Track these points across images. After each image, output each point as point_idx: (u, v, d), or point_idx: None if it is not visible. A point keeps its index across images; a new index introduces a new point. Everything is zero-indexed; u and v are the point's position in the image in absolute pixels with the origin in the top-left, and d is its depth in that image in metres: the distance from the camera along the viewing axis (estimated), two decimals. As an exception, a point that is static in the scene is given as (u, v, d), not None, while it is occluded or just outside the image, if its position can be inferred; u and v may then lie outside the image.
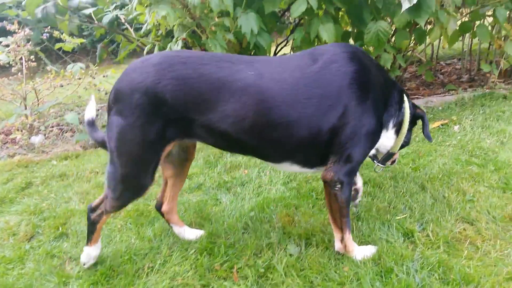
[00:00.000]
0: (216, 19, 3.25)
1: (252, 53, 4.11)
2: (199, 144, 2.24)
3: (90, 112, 2.26)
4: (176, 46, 3.43)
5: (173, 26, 3.63)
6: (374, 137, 2.08)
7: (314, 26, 3.58)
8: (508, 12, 4.38)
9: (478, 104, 4.03)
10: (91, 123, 2.26)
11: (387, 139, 2.24)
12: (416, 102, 3.49)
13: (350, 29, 4.34)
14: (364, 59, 2.05)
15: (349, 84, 1.93)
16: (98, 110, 5.78)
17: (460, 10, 4.58)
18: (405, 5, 3.25)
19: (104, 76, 5.05)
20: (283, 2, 3.82)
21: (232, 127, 1.89)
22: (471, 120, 3.67)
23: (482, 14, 4.20)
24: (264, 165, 3.24)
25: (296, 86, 1.91)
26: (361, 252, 2.09)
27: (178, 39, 3.39)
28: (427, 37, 4.00)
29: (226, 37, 3.30)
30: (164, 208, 2.40)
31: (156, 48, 3.98)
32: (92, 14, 4.20)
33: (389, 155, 2.36)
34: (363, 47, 3.97)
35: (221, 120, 1.88)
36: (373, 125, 2.01)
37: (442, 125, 3.65)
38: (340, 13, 4.23)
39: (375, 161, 2.43)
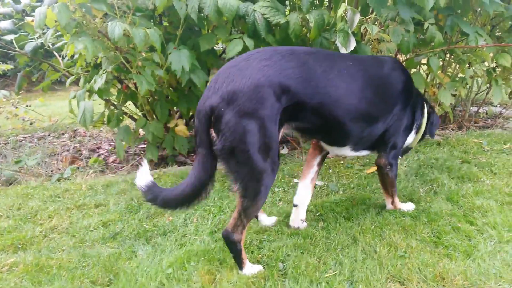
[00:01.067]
0: (143, 54, 3.04)
1: (187, 90, 3.93)
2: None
3: (145, 176, 2.18)
4: (100, 79, 3.17)
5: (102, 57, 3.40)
6: (408, 132, 2.77)
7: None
8: (441, 61, 4.55)
9: (413, 150, 4.05)
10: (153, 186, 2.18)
11: (410, 137, 2.85)
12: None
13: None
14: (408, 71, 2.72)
15: (402, 90, 2.58)
16: (21, 141, 5.30)
17: (397, 57, 4.70)
18: (342, 51, 3.22)
19: (27, 106, 4.64)
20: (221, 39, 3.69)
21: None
22: (405, 167, 3.65)
23: (417, 62, 4.31)
24: (191, 211, 2.99)
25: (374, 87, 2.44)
26: (405, 206, 2.90)
27: (103, 72, 3.13)
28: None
29: (155, 73, 3.09)
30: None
31: (81, 80, 3.69)
32: (14, 41, 3.85)
33: (407, 149, 3.03)
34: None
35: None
36: (409, 123, 2.74)
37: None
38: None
39: None
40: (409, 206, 2.91)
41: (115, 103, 3.99)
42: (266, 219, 2.80)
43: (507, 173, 3.39)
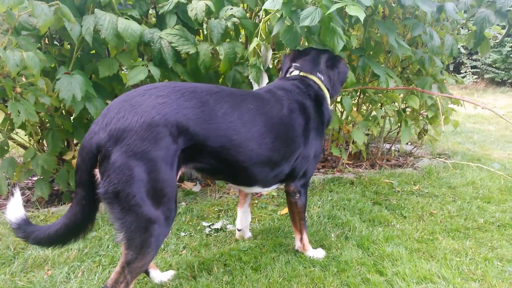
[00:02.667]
0: (24, 79, 2.62)
1: (87, 120, 3.51)
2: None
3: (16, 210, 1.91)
4: (-27, 105, 2.68)
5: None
6: (318, 157, 2.73)
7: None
8: (355, 100, 4.61)
9: (327, 189, 3.97)
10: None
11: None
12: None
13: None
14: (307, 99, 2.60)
15: (304, 128, 2.49)
16: None
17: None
18: (255, 88, 3.06)
19: None
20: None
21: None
22: (319, 207, 3.53)
23: (332, 101, 4.30)
24: (77, 263, 2.56)
25: None
26: (315, 253, 2.75)
27: (-23, 97, 2.65)
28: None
29: (39, 101, 2.67)
30: None
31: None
32: None
33: None
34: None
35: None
36: (319, 148, 2.69)
37: (291, 212, 3.43)
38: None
39: None
40: (319, 253, 2.75)
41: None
42: (159, 275, 2.43)
43: (416, 216, 3.40)
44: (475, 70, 16.29)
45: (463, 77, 15.93)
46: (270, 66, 3.28)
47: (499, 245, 2.92)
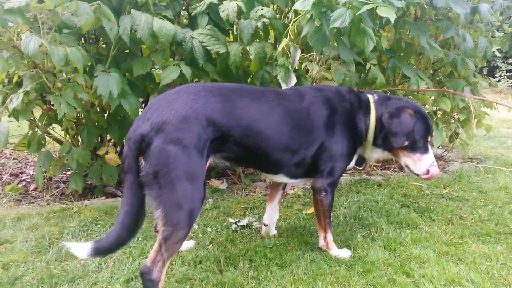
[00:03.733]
0: (64, 75, 2.75)
1: (120, 117, 3.64)
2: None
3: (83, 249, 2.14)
4: (16, 99, 2.83)
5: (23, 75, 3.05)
6: (349, 157, 2.73)
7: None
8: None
9: (353, 190, 3.95)
10: None
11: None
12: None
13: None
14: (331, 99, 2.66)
15: (324, 121, 2.58)
16: None
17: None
18: (283, 87, 3.10)
19: None
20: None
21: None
22: (345, 208, 3.53)
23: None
24: (108, 255, 2.66)
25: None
26: (340, 252, 2.75)
27: (22, 91, 2.80)
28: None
29: (77, 96, 2.79)
30: None
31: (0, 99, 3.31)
32: None
33: (362, 160, 2.97)
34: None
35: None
36: (347, 149, 2.68)
37: (317, 212, 3.43)
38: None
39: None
40: (344, 253, 2.75)
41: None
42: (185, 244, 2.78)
43: (446, 220, 3.34)
44: (510, 74, 15.74)
45: (497, 81, 15.43)
46: (297, 68, 3.31)
47: (531, 251, 2.84)
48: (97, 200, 3.63)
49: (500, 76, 15.81)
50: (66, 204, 3.49)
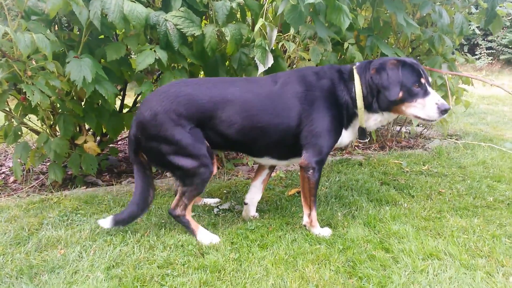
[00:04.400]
0: (34, 62, 2.68)
1: (97, 105, 3.58)
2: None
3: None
4: (-14, 90, 2.75)
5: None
6: (336, 132, 2.74)
7: (166, 81, 3.20)
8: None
9: (335, 170, 3.98)
10: None
11: (348, 132, 2.84)
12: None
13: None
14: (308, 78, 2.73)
15: (299, 100, 2.65)
16: None
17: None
18: (260, 69, 3.07)
19: None
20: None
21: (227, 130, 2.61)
22: (326, 188, 3.55)
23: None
24: (89, 242, 2.64)
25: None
26: (321, 231, 2.79)
27: (-9, 81, 2.72)
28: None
29: (50, 84, 2.73)
30: None
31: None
32: None
33: (362, 131, 2.83)
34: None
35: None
36: (331, 124, 2.69)
37: (298, 192, 3.46)
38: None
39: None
40: (325, 232, 2.79)
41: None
42: (207, 200, 3.32)
43: (424, 195, 3.40)
44: (490, 51, 15.94)
45: (477, 59, 15.59)
46: (274, 48, 3.28)
47: (508, 222, 2.91)
48: (77, 190, 3.59)
49: (480, 53, 15.98)
50: (46, 195, 3.44)
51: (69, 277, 2.31)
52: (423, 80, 2.57)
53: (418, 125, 5.63)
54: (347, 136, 2.81)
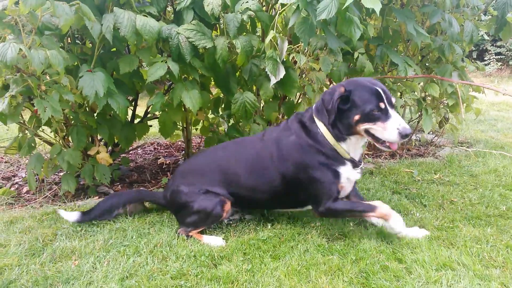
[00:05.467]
0: (48, 77, 2.73)
1: (109, 116, 3.63)
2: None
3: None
4: (2, 103, 2.81)
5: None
6: (333, 181, 2.81)
7: (177, 92, 3.24)
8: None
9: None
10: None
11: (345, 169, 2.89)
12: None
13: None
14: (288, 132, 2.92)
15: (279, 156, 2.90)
16: None
17: (331, 85, 4.68)
18: (272, 80, 3.10)
19: None
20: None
21: None
22: (338, 198, 3.55)
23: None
24: (103, 253, 2.67)
25: None
26: (396, 222, 2.77)
27: (5, 96, 2.77)
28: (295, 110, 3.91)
29: (63, 98, 2.78)
30: None
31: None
32: None
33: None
34: (232, 117, 3.74)
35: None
36: (324, 177, 2.80)
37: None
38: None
39: None
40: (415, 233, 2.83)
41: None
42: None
43: (436, 205, 3.38)
44: (499, 57, 15.83)
45: (486, 64, 15.49)
46: (284, 59, 3.31)
47: (521, 232, 2.89)
48: (90, 200, 3.63)
49: (489, 59, 15.89)
50: (59, 205, 3.49)
51: (84, 288, 2.34)
52: (382, 105, 2.57)
53: (428, 133, 5.61)
54: (349, 171, 2.81)
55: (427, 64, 4.82)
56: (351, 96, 2.60)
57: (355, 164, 2.84)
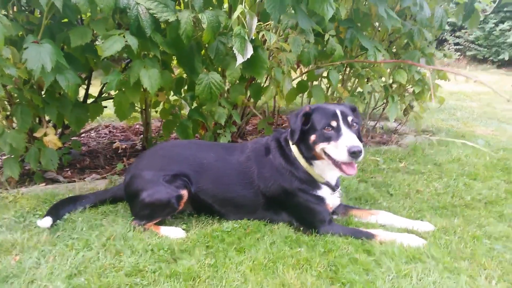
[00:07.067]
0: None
1: (58, 94, 3.29)
2: None
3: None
4: None
5: None
6: (316, 202, 2.74)
7: (135, 70, 2.96)
8: (341, 75, 4.46)
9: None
10: None
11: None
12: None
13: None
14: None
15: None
16: None
17: (300, 68, 4.53)
18: (239, 60, 2.89)
19: None
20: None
21: None
22: (304, 186, 3.42)
23: (318, 75, 4.16)
24: (48, 247, 2.40)
25: None
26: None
27: None
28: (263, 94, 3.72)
29: (5, 72, 2.45)
30: None
31: None
32: None
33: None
34: (196, 99, 3.50)
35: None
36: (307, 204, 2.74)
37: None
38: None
39: None
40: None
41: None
42: None
43: (403, 194, 3.33)
44: (457, 47, 16.31)
45: (445, 55, 15.89)
46: (253, 38, 3.10)
47: (487, 222, 2.88)
48: (36, 187, 3.30)
49: (449, 49, 16.33)
50: (1, 192, 3.14)
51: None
52: (334, 123, 2.54)
53: (394, 121, 5.60)
54: (327, 195, 2.75)
55: (394, 50, 4.75)
56: (311, 117, 2.63)
57: (332, 188, 2.76)
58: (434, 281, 2.21)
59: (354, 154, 2.42)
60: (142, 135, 4.66)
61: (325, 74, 4.11)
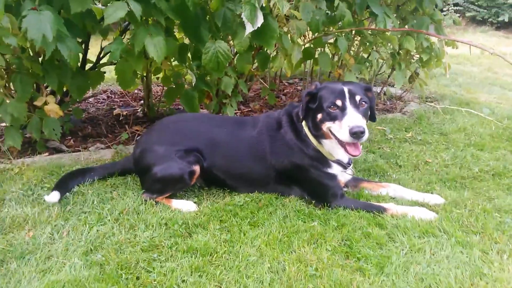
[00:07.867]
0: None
1: (57, 61, 3.15)
2: None
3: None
4: None
5: None
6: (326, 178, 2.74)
7: (140, 38, 2.83)
8: (348, 43, 4.34)
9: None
10: None
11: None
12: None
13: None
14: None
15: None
16: None
17: (303, 36, 4.39)
18: (249, 28, 2.77)
19: None
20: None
21: None
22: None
23: (325, 42, 4.04)
24: (61, 222, 2.37)
25: None
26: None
27: None
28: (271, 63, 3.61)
29: (3, 42, 2.31)
30: None
31: None
32: None
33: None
34: (202, 68, 3.38)
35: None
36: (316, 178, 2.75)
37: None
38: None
39: None
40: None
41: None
42: None
43: (412, 165, 3.33)
44: (457, 8, 15.96)
45: (444, 15, 15.56)
46: (264, 5, 2.96)
47: (496, 195, 2.89)
48: (40, 157, 3.24)
49: (448, 10, 15.97)
50: (5, 163, 3.08)
51: (42, 264, 2.07)
52: (339, 102, 2.48)
53: (395, 87, 5.54)
54: (338, 173, 2.73)
55: (402, 16, 4.61)
56: (318, 95, 2.58)
57: (343, 166, 2.73)
58: (447, 256, 2.23)
59: (355, 134, 2.38)
60: (142, 101, 4.56)
61: (332, 41, 3.99)
